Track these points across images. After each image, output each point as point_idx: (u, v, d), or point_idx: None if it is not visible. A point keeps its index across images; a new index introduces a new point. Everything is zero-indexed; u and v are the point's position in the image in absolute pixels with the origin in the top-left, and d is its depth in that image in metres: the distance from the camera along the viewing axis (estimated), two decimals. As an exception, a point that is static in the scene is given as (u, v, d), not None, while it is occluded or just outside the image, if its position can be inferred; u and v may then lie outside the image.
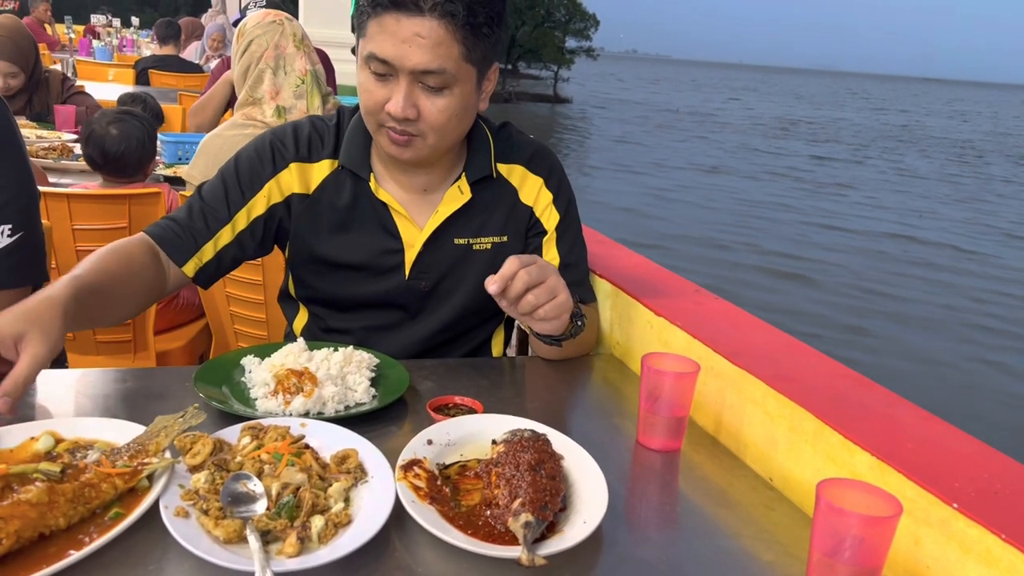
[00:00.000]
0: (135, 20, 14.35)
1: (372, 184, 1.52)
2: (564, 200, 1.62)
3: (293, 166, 1.54)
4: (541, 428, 1.17)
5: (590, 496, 1.04)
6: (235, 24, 4.47)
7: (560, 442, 1.15)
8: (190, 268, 1.50)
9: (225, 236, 1.51)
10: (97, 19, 11.91)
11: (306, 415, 1.23)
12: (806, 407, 1.16)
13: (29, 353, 1.07)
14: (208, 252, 1.50)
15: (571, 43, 51.95)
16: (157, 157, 2.90)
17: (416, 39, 1.30)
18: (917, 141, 30.28)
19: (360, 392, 1.30)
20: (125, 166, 2.64)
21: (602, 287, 1.75)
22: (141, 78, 6.89)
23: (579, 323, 1.45)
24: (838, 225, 13.42)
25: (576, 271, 1.63)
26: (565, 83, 50.67)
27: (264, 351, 1.39)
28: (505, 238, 1.59)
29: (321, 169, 1.55)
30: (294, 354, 1.34)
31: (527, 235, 1.61)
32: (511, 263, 1.27)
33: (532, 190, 1.60)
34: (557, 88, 45.91)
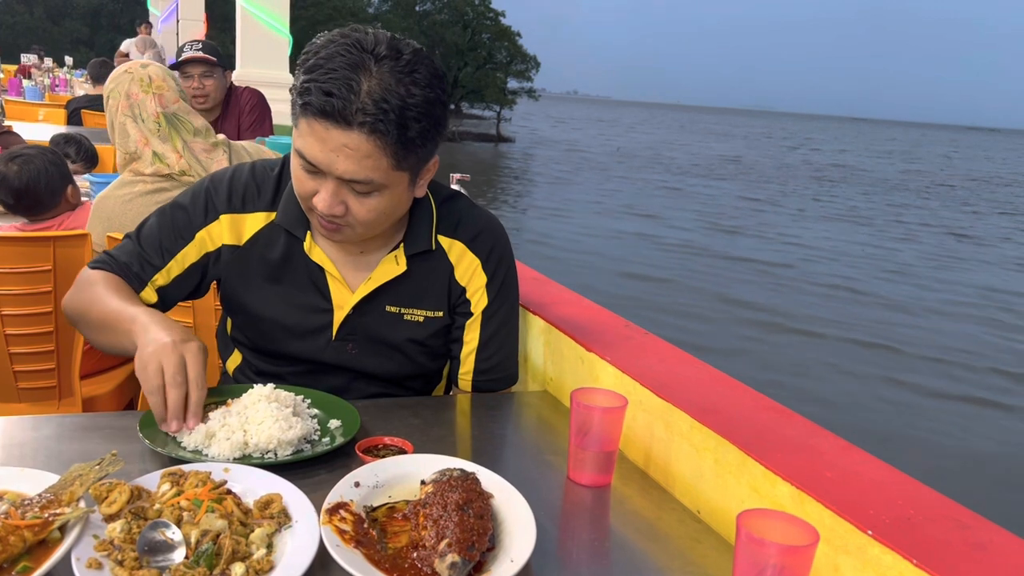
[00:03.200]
0: (68, 59, 14.09)
1: (307, 244, 1.49)
2: (497, 284, 1.57)
3: (224, 218, 1.51)
4: (471, 467, 1.16)
5: (518, 534, 1.04)
6: (171, 68, 4.43)
7: (490, 480, 1.15)
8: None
9: (161, 280, 1.52)
10: (27, 58, 11.65)
11: (196, 451, 1.22)
12: (730, 439, 1.19)
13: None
14: (149, 296, 1.51)
15: (513, 84, 52.74)
16: (83, 197, 2.86)
17: (344, 149, 1.26)
18: (845, 179, 31.50)
19: (260, 440, 1.24)
20: (38, 199, 2.62)
21: (535, 324, 1.77)
22: (73, 118, 6.75)
23: None
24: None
25: (490, 357, 1.59)
26: (508, 123, 51.31)
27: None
28: (440, 314, 1.56)
29: (255, 221, 1.52)
30: (253, 395, 1.32)
31: (454, 311, 1.58)
32: None
33: (468, 270, 1.55)
34: (500, 128, 46.45)
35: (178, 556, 0.92)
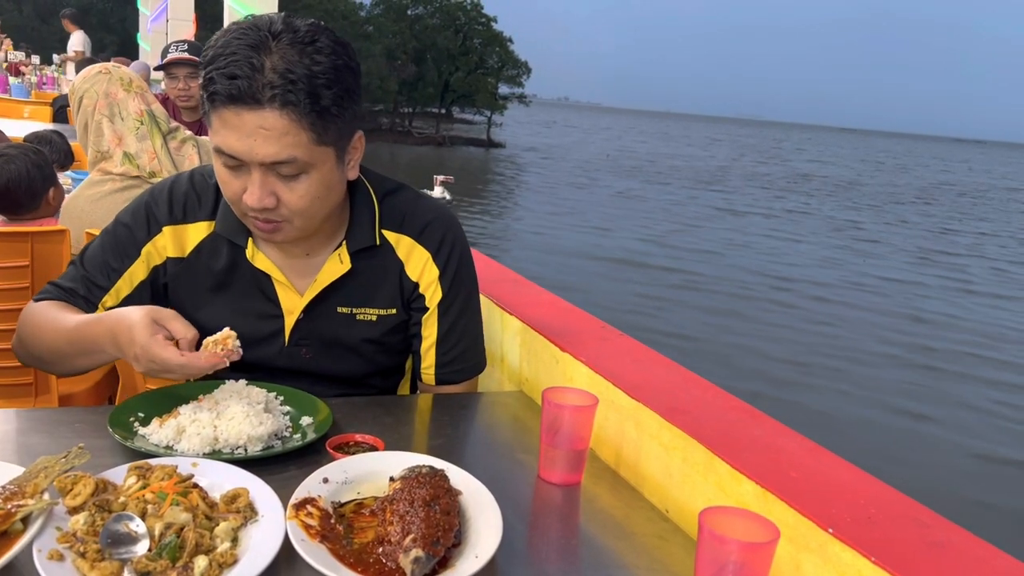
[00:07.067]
0: (56, 57, 14.01)
1: (249, 251, 1.46)
2: (451, 275, 1.54)
3: (167, 230, 1.48)
4: (441, 464, 1.17)
5: (485, 531, 1.05)
6: (157, 69, 4.42)
7: (459, 478, 1.15)
8: None
9: (110, 301, 1.47)
10: (15, 55, 11.58)
11: (168, 447, 1.22)
12: (698, 439, 1.20)
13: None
14: None
15: (504, 89, 52.77)
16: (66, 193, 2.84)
17: (260, 132, 1.23)
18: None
19: (230, 435, 1.24)
20: (16, 200, 2.58)
21: (511, 324, 1.78)
22: (59, 116, 6.74)
23: None
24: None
25: (450, 350, 1.57)
26: (498, 128, 51.39)
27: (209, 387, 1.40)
28: (393, 311, 1.53)
29: (197, 231, 1.49)
30: (224, 391, 1.34)
31: (409, 307, 1.56)
32: None
33: (418, 264, 1.53)
34: (491, 133, 46.55)
35: (141, 548, 0.92)
